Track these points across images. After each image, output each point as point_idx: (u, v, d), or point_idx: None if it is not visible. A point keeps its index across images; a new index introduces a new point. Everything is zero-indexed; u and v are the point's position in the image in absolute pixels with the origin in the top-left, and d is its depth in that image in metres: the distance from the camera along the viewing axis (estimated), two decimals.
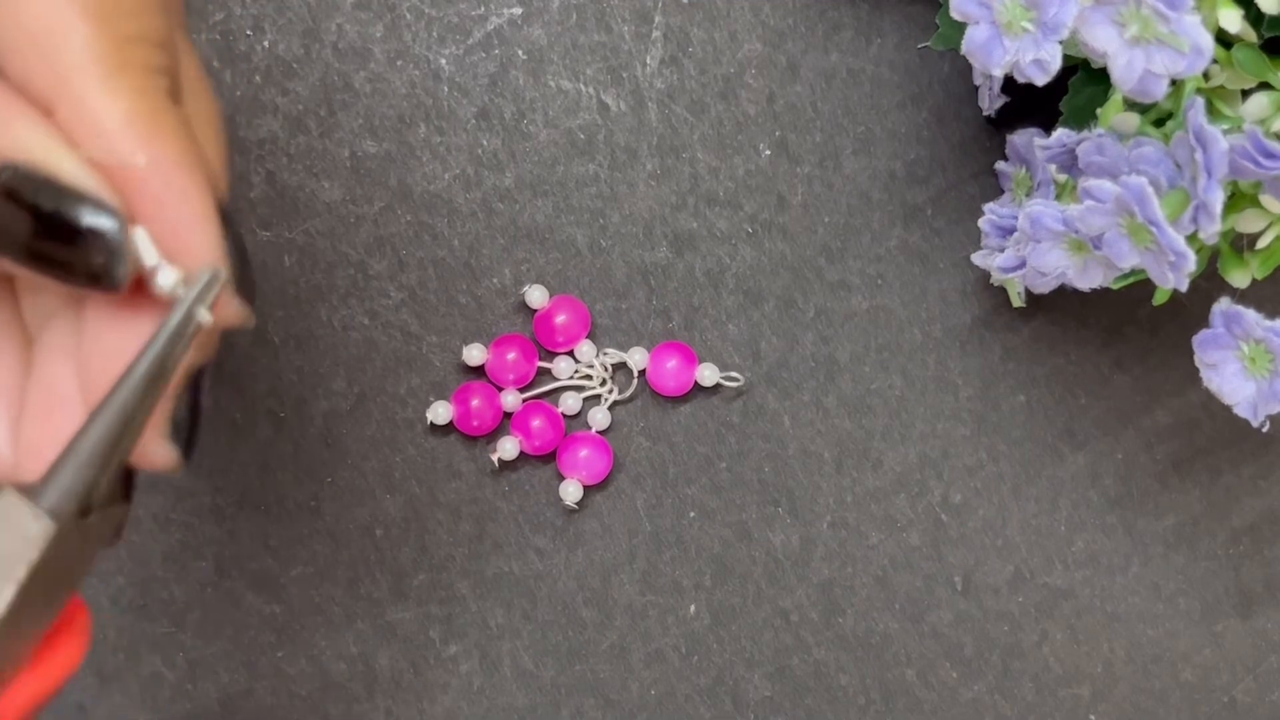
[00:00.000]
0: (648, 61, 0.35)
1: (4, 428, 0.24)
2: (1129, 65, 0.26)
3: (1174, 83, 0.27)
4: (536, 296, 0.34)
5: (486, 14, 0.35)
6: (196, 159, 0.22)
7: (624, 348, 0.35)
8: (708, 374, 0.34)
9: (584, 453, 0.34)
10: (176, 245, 0.22)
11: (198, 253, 0.22)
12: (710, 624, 0.35)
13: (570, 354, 0.35)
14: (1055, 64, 0.27)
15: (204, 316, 0.21)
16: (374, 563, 0.34)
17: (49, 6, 0.21)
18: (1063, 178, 0.31)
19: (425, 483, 0.34)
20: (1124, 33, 0.26)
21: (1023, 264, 0.30)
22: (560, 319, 0.34)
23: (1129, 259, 0.28)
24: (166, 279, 0.21)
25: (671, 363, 0.34)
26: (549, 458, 0.35)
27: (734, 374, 0.35)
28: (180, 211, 0.22)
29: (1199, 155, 0.26)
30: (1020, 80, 0.28)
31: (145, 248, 0.21)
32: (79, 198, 0.21)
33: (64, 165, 0.21)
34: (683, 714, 0.35)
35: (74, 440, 0.21)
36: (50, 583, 0.21)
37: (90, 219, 0.21)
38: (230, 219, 0.23)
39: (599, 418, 0.34)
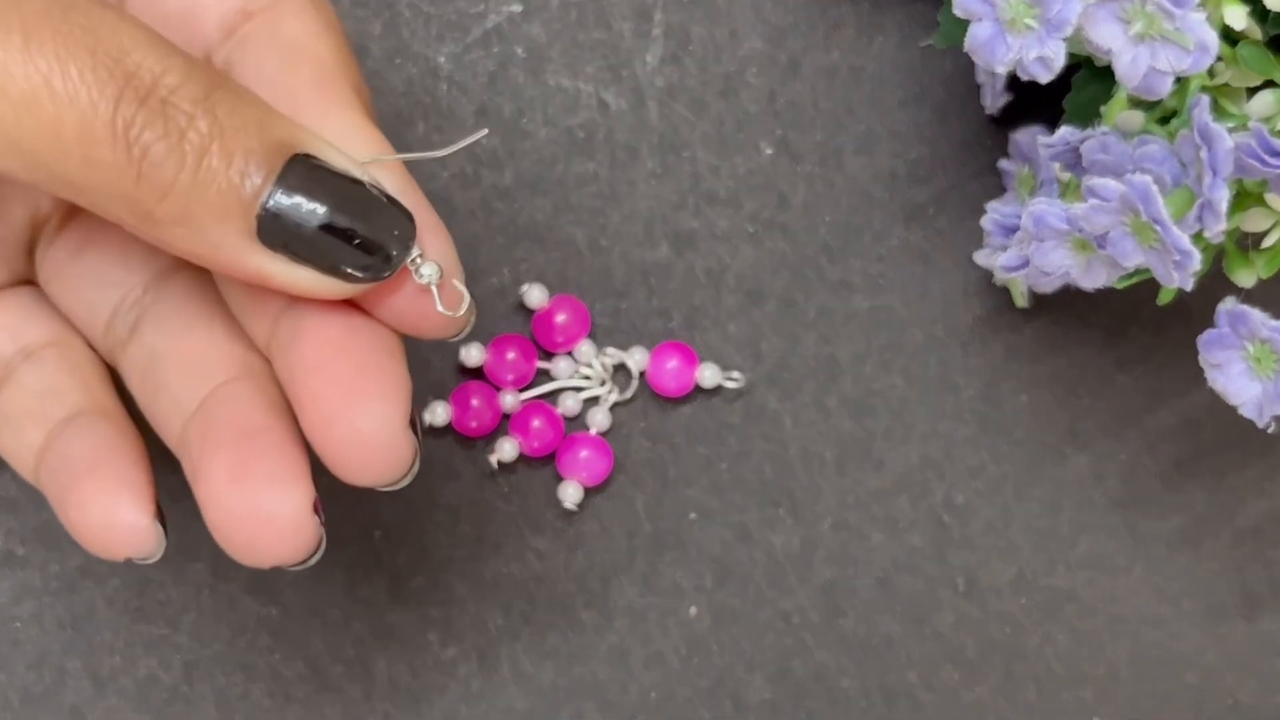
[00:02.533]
0: (648, 59, 0.35)
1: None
2: (1133, 62, 0.26)
3: (1179, 80, 0.27)
4: (536, 296, 0.34)
5: (485, 11, 0.35)
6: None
7: (624, 347, 0.35)
8: (709, 374, 0.34)
9: (584, 454, 0.34)
10: (426, 244, 0.24)
11: (443, 253, 0.24)
12: (711, 626, 0.35)
13: (570, 354, 0.34)
14: (1059, 61, 0.27)
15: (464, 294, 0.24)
16: (371, 565, 0.34)
17: (322, 73, 0.24)
18: (1066, 176, 0.31)
19: (423, 484, 0.34)
20: (1128, 30, 0.26)
21: (1026, 263, 0.30)
22: (560, 319, 0.34)
23: (1133, 258, 0.28)
24: (431, 271, 0.24)
25: (672, 363, 0.34)
26: (548, 459, 0.34)
27: (735, 374, 0.34)
28: (424, 220, 0.24)
29: (1204, 153, 0.26)
30: (1023, 78, 0.28)
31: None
32: (374, 190, 0.23)
33: (355, 167, 0.23)
34: (683, 716, 0.34)
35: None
36: None
37: (387, 212, 0.23)
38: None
39: (599, 419, 0.34)
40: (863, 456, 0.35)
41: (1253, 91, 0.28)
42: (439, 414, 0.34)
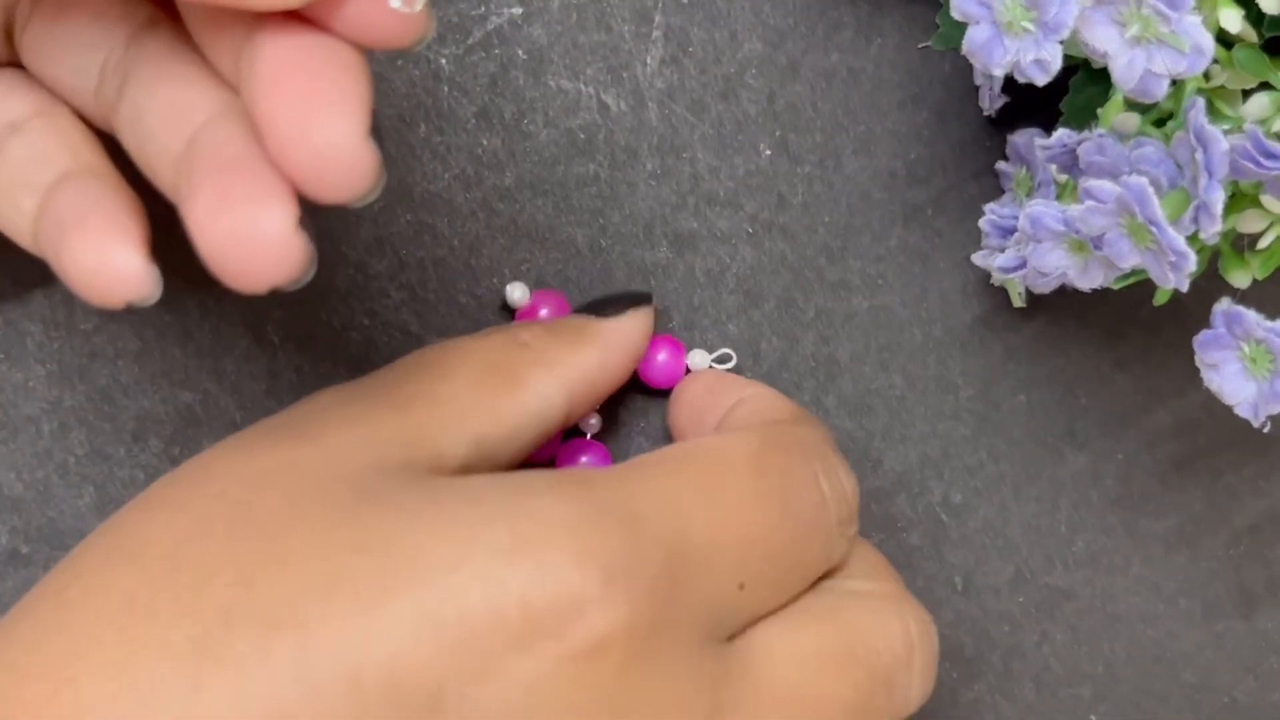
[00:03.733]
0: (648, 61, 0.35)
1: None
2: (1130, 65, 0.26)
3: (1175, 83, 0.27)
4: (517, 294, 0.34)
5: (486, 14, 0.35)
6: None
7: None
8: (699, 359, 0.34)
9: (584, 459, 0.34)
10: None
11: None
12: None
13: None
14: (1056, 64, 0.27)
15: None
16: None
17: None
18: (1063, 178, 0.31)
19: None
20: (1125, 33, 0.26)
21: (1023, 264, 0.30)
22: (543, 314, 0.34)
23: (1130, 259, 0.28)
24: None
25: (662, 355, 0.34)
26: (548, 465, 0.34)
27: (727, 351, 0.34)
28: None
29: (1200, 155, 0.26)
30: (1021, 80, 0.28)
31: None
32: None
33: None
34: None
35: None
36: None
37: None
38: None
39: (591, 421, 0.34)
40: (861, 456, 0.35)
41: (1248, 94, 0.29)
42: None
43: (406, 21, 0.23)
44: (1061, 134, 0.29)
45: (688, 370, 0.34)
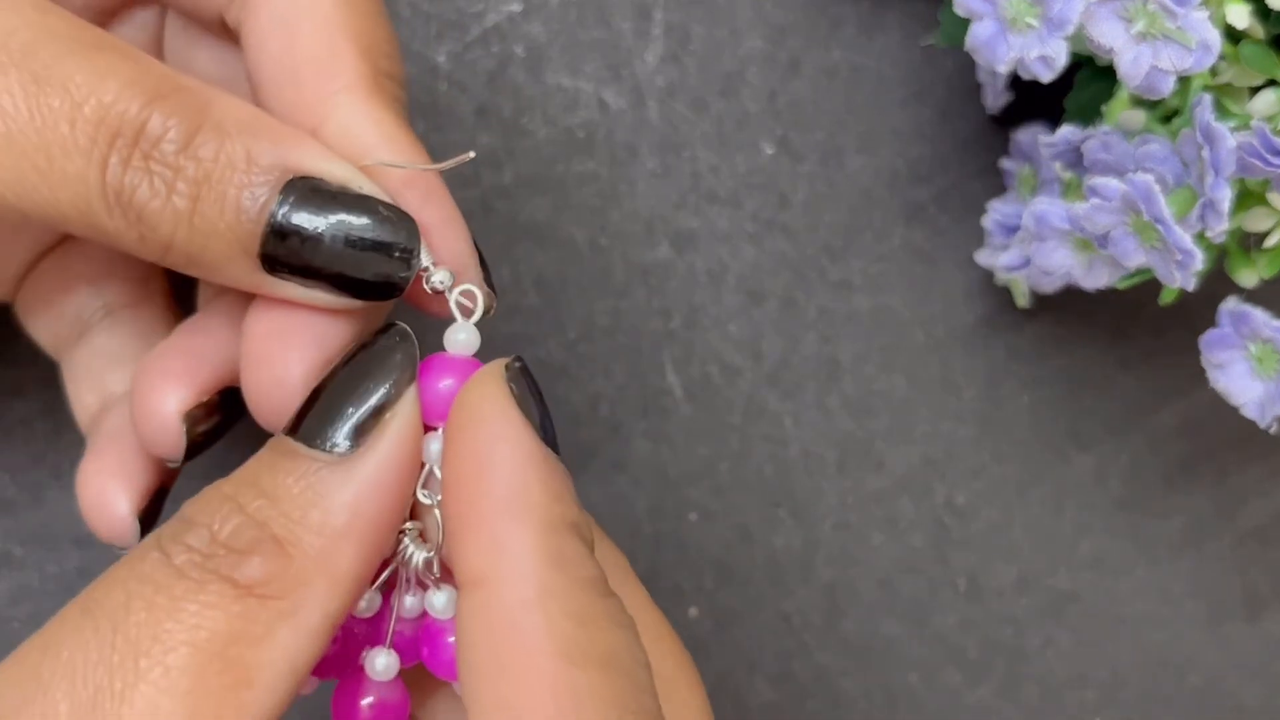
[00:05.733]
0: (648, 58, 0.35)
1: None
2: (1135, 61, 0.26)
3: (1181, 79, 0.27)
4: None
5: (485, 10, 0.35)
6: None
7: (624, 347, 0.34)
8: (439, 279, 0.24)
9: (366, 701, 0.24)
10: (439, 247, 0.24)
11: (458, 252, 0.24)
12: (712, 628, 0.35)
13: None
14: (1061, 60, 0.27)
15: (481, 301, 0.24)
16: None
17: (324, 36, 0.23)
18: (1068, 175, 0.31)
19: None
20: (1130, 29, 0.26)
21: (1027, 263, 0.30)
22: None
23: (1135, 258, 0.28)
24: (442, 279, 0.23)
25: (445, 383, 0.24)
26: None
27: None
28: (438, 215, 0.24)
29: (1206, 153, 0.26)
30: (1025, 77, 0.28)
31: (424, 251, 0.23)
32: (376, 206, 0.23)
33: (354, 177, 0.23)
34: None
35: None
36: None
37: (389, 228, 0.23)
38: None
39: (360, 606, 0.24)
40: (864, 457, 0.35)
41: (1255, 90, 0.28)
42: None
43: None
44: (1066, 131, 0.29)
45: (699, 379, 0.34)
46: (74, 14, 0.22)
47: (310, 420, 0.22)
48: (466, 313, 0.24)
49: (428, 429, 0.23)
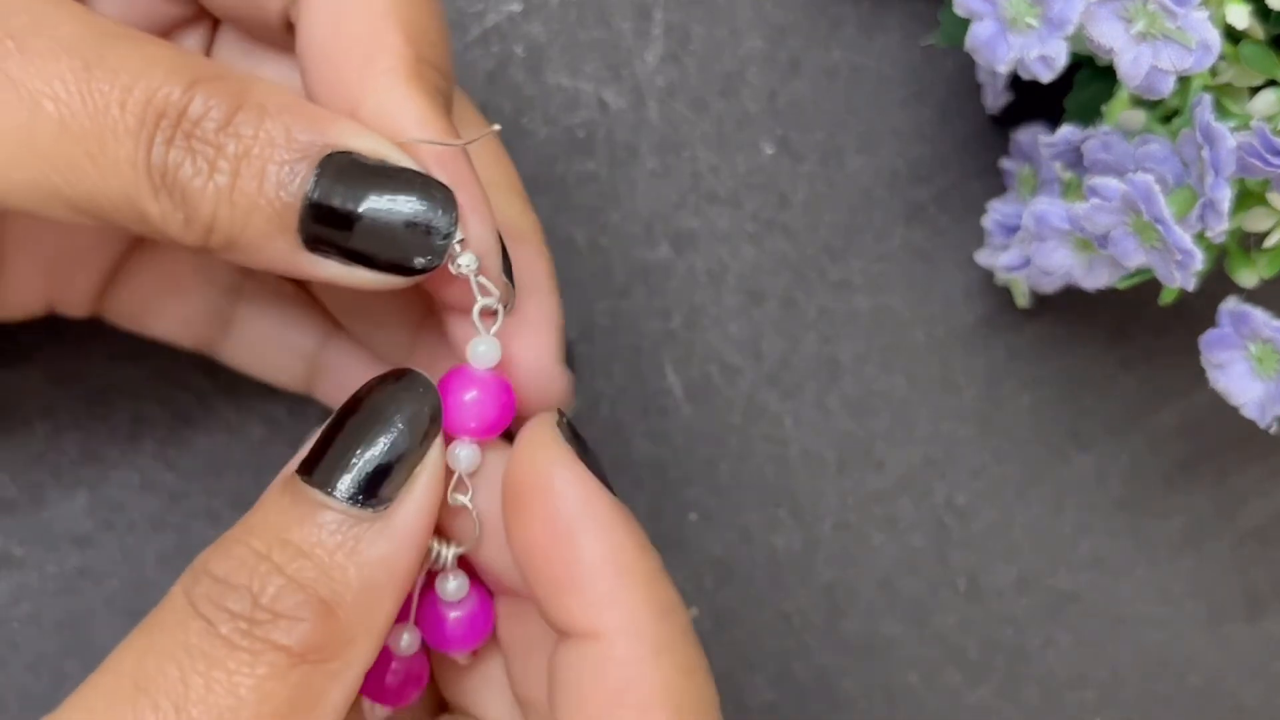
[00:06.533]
0: (648, 58, 0.35)
1: None
2: (1135, 61, 0.26)
3: (1181, 79, 0.27)
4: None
5: (485, 10, 0.35)
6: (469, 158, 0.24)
7: (624, 347, 0.34)
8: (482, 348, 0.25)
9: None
10: (466, 231, 0.24)
11: (481, 237, 0.24)
12: (712, 628, 0.35)
13: None
14: (1061, 60, 0.27)
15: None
16: None
17: (371, 20, 0.24)
18: (1068, 175, 0.31)
19: None
20: (1130, 29, 0.26)
21: (1027, 263, 0.30)
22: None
23: (1135, 258, 0.28)
24: (468, 262, 0.23)
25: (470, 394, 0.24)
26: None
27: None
28: (466, 198, 0.23)
29: (1206, 153, 0.26)
30: (1025, 77, 0.27)
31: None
32: (413, 177, 0.23)
33: (391, 152, 0.23)
34: None
35: None
36: None
37: (427, 199, 0.23)
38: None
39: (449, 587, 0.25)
40: (864, 457, 0.35)
41: (1255, 90, 0.28)
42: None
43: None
44: (1066, 131, 0.29)
45: (705, 383, 0.34)
46: None
47: (331, 468, 0.22)
48: (488, 314, 0.24)
49: (449, 439, 0.24)
